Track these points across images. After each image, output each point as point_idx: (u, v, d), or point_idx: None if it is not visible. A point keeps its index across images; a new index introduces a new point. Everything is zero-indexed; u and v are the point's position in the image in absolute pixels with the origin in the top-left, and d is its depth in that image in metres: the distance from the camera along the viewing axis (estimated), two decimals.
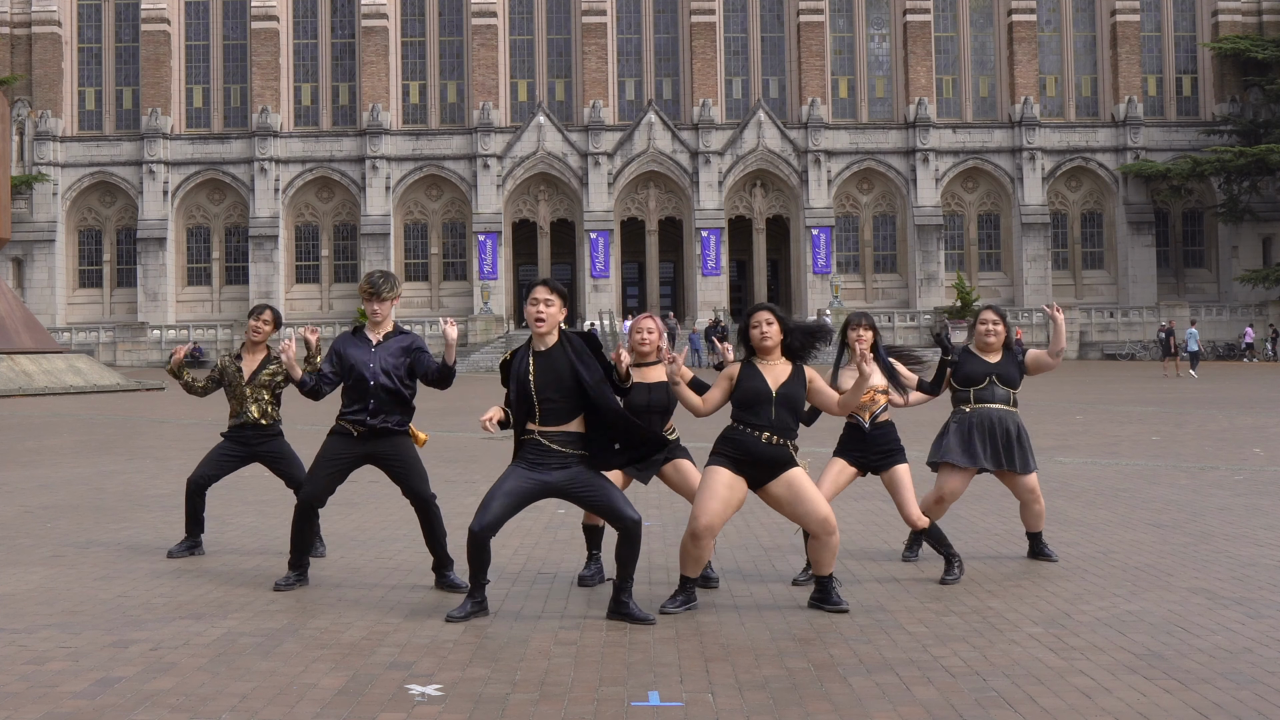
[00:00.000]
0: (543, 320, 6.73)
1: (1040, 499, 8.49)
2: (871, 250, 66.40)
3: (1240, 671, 5.64)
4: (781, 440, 6.92)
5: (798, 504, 6.91)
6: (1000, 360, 8.54)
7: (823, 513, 6.89)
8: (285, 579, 7.79)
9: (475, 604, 6.85)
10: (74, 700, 5.34)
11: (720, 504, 6.90)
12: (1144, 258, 65.47)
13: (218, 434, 9.42)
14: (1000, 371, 8.46)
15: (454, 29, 66.68)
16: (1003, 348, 8.59)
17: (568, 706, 5.20)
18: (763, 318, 7.09)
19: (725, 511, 6.93)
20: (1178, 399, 27.97)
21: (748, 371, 7.03)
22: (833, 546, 6.94)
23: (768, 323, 7.06)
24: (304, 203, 65.86)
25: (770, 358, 7.07)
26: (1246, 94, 66.18)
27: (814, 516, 6.90)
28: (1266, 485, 12.40)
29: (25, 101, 63.82)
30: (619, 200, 64.80)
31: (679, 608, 7.00)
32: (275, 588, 7.70)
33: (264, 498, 12.21)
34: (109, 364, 54.36)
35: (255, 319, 9.07)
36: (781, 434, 6.92)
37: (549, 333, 6.77)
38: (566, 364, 6.68)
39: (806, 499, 6.89)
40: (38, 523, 10.69)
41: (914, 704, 5.21)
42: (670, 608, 6.99)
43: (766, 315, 7.10)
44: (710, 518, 6.88)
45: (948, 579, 7.72)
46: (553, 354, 6.74)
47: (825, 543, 6.93)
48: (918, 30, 65.76)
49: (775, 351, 7.08)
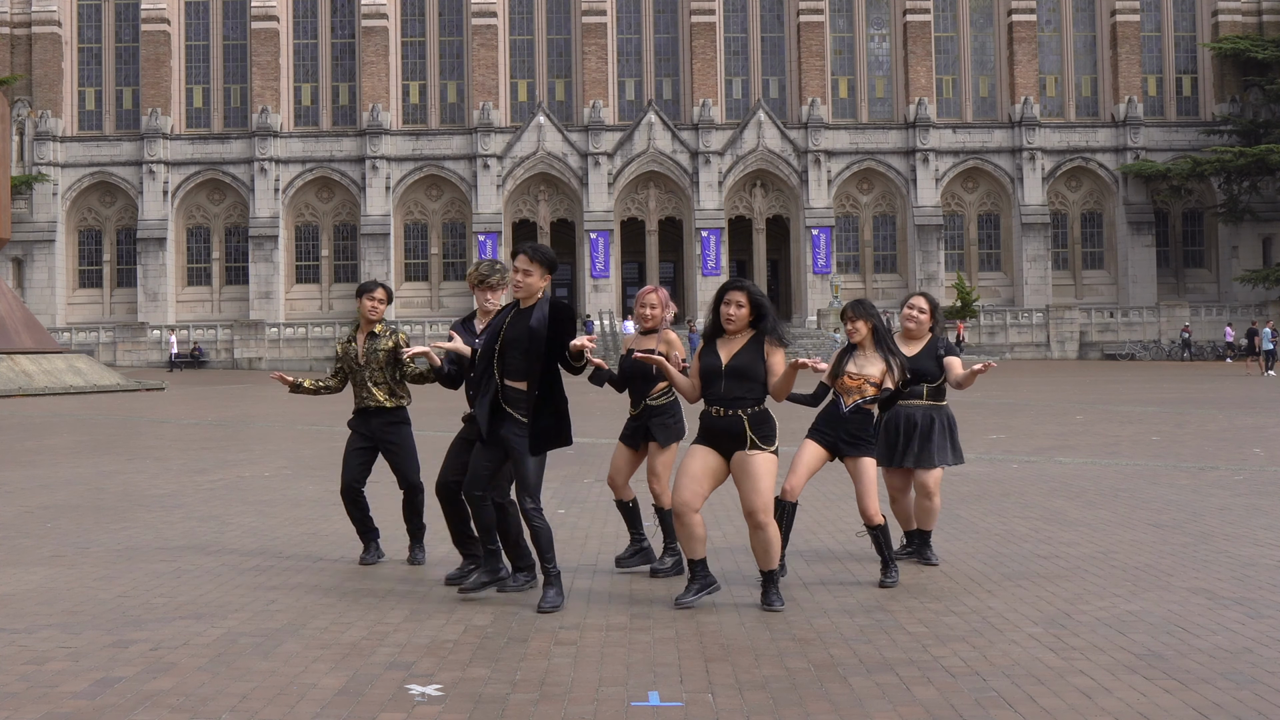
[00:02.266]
0: (519, 287, 7.16)
1: (936, 498, 8.26)
2: (871, 250, 66.42)
3: (1240, 671, 5.63)
4: (730, 411, 6.94)
5: (741, 484, 6.95)
6: (918, 353, 8.27)
7: (757, 503, 6.90)
8: (516, 579, 7.53)
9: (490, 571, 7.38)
10: (74, 700, 5.34)
11: (691, 480, 6.99)
12: (1144, 258, 65.48)
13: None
14: (914, 365, 8.17)
15: (454, 29, 66.69)
16: (929, 340, 8.32)
17: (568, 706, 5.20)
18: (735, 298, 7.05)
19: (698, 487, 7.01)
20: (1178, 399, 27.98)
21: (706, 349, 7.15)
22: (764, 540, 6.96)
23: (739, 305, 7.03)
24: (304, 203, 65.87)
25: (733, 334, 7.10)
26: (1246, 94, 66.19)
27: (748, 502, 6.93)
28: (1266, 485, 12.40)
29: (25, 101, 63.83)
30: (619, 200, 64.81)
31: (693, 597, 7.03)
32: (502, 588, 7.47)
33: (264, 498, 12.21)
34: (109, 364, 54.36)
35: (369, 298, 8.38)
36: (729, 405, 6.96)
37: (528, 297, 7.18)
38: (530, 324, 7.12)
39: (748, 483, 6.91)
40: (38, 523, 10.69)
41: (914, 704, 5.21)
42: (685, 599, 7.01)
43: (739, 297, 7.04)
44: (683, 494, 6.98)
45: (886, 582, 7.65)
46: (526, 314, 7.17)
47: (754, 534, 6.99)
48: (918, 30, 65.76)
49: (741, 329, 7.09)
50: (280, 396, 35.13)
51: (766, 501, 6.91)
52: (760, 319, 7.04)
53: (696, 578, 7.08)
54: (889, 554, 7.77)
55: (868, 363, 7.79)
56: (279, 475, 14.21)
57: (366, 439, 8.57)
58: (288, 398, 34.38)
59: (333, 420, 24.43)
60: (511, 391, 7.13)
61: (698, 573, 7.09)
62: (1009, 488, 12.36)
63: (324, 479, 13.78)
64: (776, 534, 7.00)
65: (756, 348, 7.03)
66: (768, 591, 7.02)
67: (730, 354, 7.03)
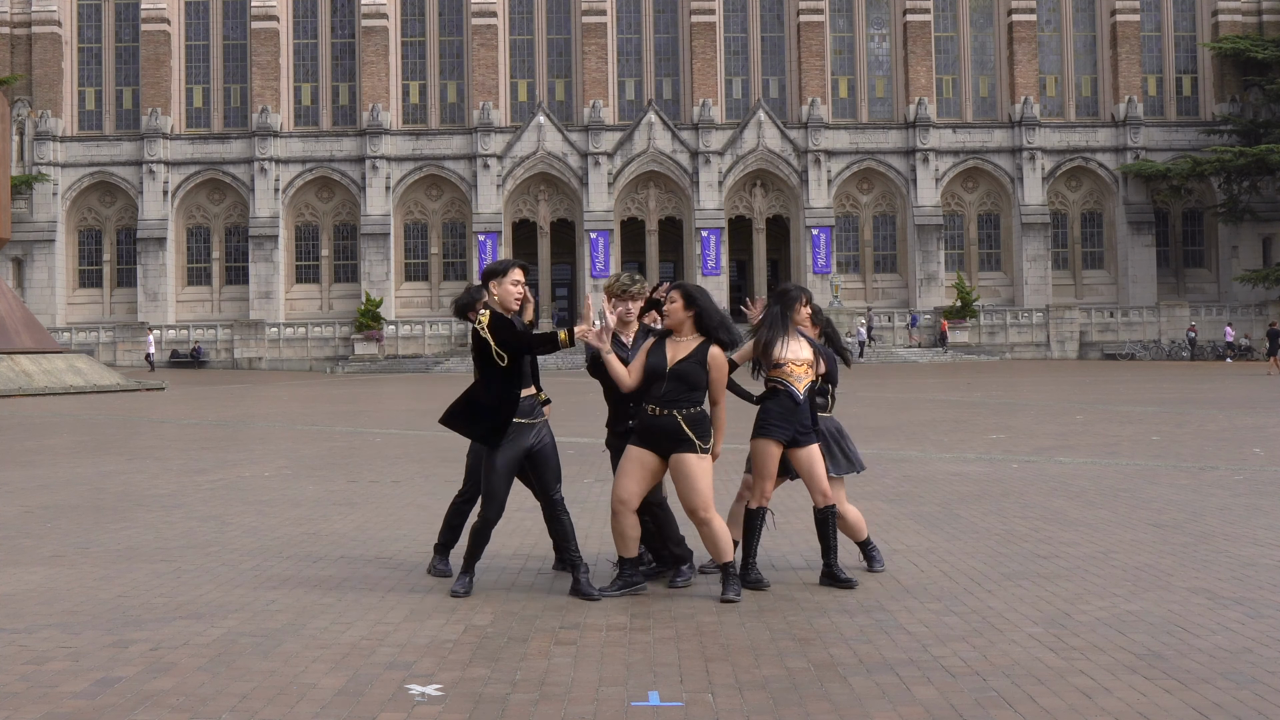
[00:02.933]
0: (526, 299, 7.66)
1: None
2: (871, 250, 66.42)
3: (1240, 671, 5.64)
4: (666, 411, 7.17)
5: (679, 484, 7.21)
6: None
7: (696, 502, 7.16)
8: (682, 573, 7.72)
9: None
10: (74, 700, 5.34)
11: (629, 479, 7.22)
12: (1144, 258, 65.48)
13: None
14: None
15: (454, 29, 66.68)
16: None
17: (568, 706, 5.20)
18: (671, 294, 7.32)
19: (635, 486, 7.22)
20: (1178, 399, 27.98)
21: (655, 348, 7.33)
22: (711, 535, 7.20)
23: (671, 300, 7.29)
24: (304, 203, 65.87)
25: (681, 334, 7.28)
26: (1246, 94, 66.18)
27: (687, 501, 7.21)
28: (1266, 485, 12.40)
29: (25, 101, 63.82)
30: (619, 200, 64.81)
31: (616, 592, 7.30)
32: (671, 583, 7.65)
33: (264, 498, 12.21)
34: (109, 364, 54.36)
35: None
36: (666, 405, 7.18)
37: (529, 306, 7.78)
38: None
39: (685, 483, 7.17)
40: (38, 523, 10.69)
41: (914, 704, 5.21)
42: (608, 591, 7.30)
43: (675, 293, 7.30)
44: (619, 491, 7.22)
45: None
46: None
47: (700, 531, 7.25)
48: (918, 30, 65.76)
49: (686, 328, 7.26)
50: (280, 396, 35.10)
51: (705, 499, 7.16)
52: (701, 321, 7.23)
53: (622, 575, 7.38)
54: (835, 542, 7.82)
55: (800, 348, 7.80)
56: (279, 475, 14.21)
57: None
58: (288, 398, 34.37)
59: (332, 420, 24.44)
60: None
61: (624, 570, 7.37)
62: (1009, 488, 12.36)
63: (324, 479, 13.78)
64: (721, 527, 7.21)
65: (700, 356, 7.23)
66: (726, 583, 7.26)
67: (676, 358, 7.23)
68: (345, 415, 26.02)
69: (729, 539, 7.26)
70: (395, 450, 17.41)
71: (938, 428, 20.18)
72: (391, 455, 16.61)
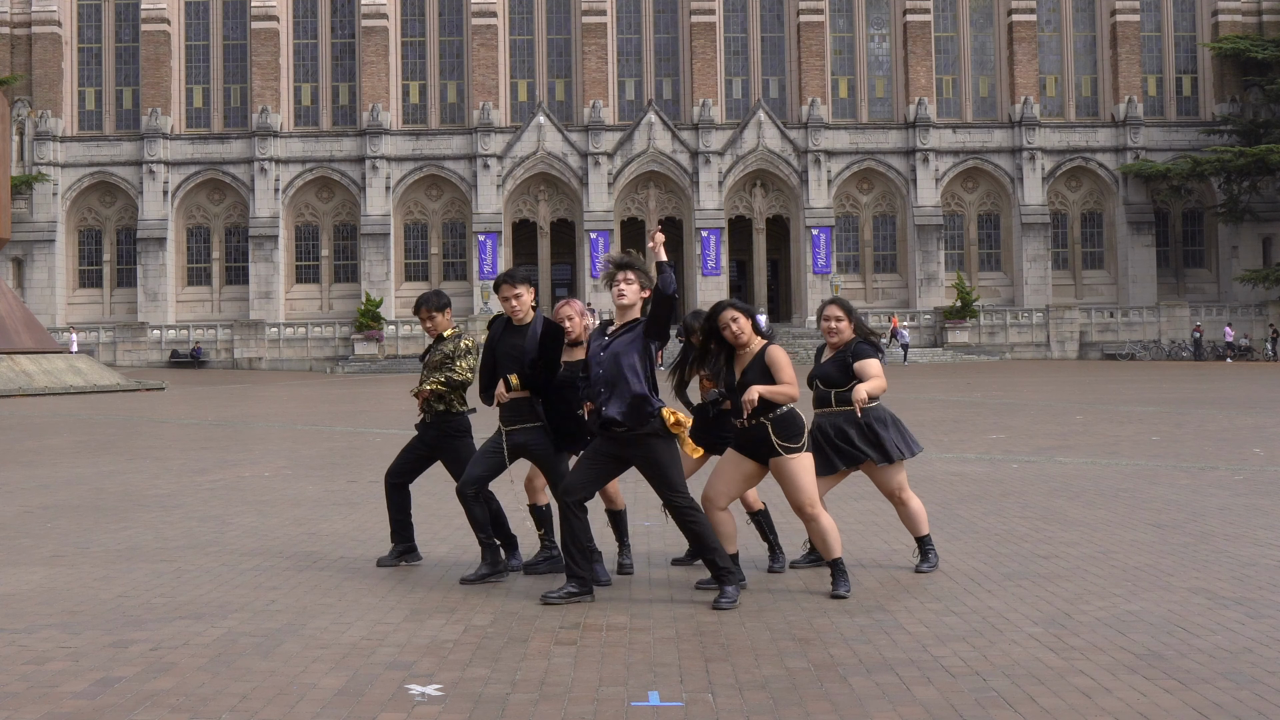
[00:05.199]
0: (517, 310, 7.86)
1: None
2: (871, 250, 66.42)
3: (1240, 671, 5.63)
4: (754, 420, 7.45)
5: (781, 487, 7.51)
6: (826, 360, 8.15)
7: (800, 499, 7.38)
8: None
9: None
10: (74, 700, 5.34)
11: (717, 478, 7.60)
12: (1144, 258, 65.47)
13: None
14: (819, 374, 8.16)
15: (454, 29, 66.69)
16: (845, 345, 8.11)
17: (568, 706, 5.20)
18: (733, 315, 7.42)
19: (722, 485, 7.54)
20: (1178, 399, 27.98)
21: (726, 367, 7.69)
22: (817, 532, 7.40)
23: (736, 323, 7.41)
24: (304, 203, 65.87)
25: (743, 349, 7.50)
26: (1246, 94, 66.18)
27: (790, 500, 7.48)
28: (1266, 485, 12.40)
29: (25, 101, 63.82)
30: (619, 200, 64.82)
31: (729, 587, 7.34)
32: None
33: (264, 498, 12.21)
34: (109, 364, 54.36)
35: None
36: (752, 415, 7.40)
37: (525, 316, 7.88)
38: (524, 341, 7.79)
39: (785, 484, 7.46)
40: (38, 523, 10.69)
41: (914, 704, 5.21)
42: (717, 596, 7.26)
43: (737, 314, 7.42)
44: (705, 490, 7.61)
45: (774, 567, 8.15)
46: (521, 331, 7.88)
47: (807, 528, 7.57)
48: (918, 30, 65.76)
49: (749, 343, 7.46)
50: (280, 396, 35.11)
51: (809, 496, 7.32)
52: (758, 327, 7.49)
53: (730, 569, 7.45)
54: (775, 538, 8.22)
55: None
56: (279, 475, 14.21)
57: None
58: (287, 398, 34.37)
59: (332, 420, 24.45)
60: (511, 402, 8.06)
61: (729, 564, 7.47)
62: (1009, 488, 12.36)
63: (324, 479, 13.79)
64: (829, 524, 7.38)
65: (762, 361, 7.37)
66: (835, 580, 7.36)
67: (741, 369, 7.43)
68: (345, 415, 26.01)
69: (836, 536, 7.40)
70: (395, 450, 17.37)
71: (937, 428, 20.17)
72: (391, 455, 16.57)
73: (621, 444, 7.19)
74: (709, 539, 7.13)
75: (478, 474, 7.86)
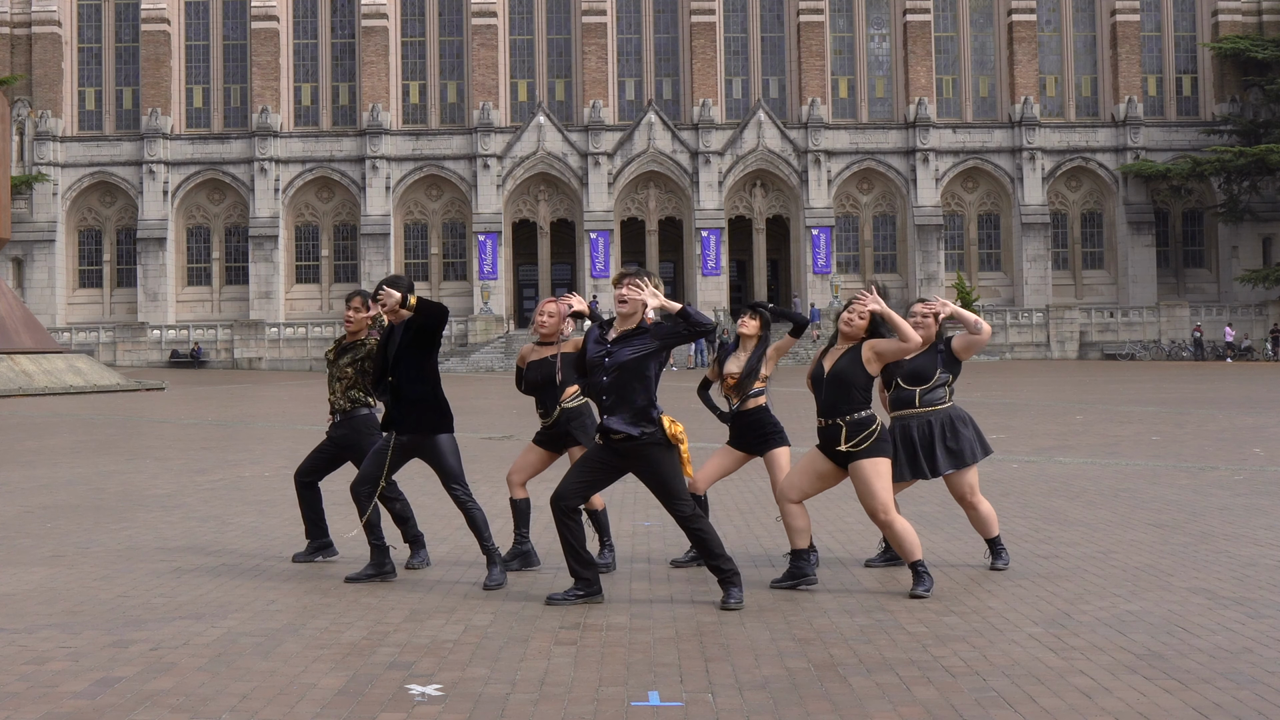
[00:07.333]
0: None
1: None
2: (871, 250, 66.41)
3: (1240, 671, 5.63)
4: (830, 421, 7.56)
5: (856, 491, 7.60)
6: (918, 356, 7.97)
7: (870, 508, 7.44)
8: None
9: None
10: (74, 700, 5.34)
11: (795, 474, 7.71)
12: (1144, 258, 65.46)
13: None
14: (911, 369, 7.97)
15: (454, 29, 66.68)
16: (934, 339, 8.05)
17: (568, 706, 5.20)
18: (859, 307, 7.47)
19: (799, 481, 7.67)
20: (1178, 399, 27.97)
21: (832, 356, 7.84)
22: (894, 537, 7.42)
23: (859, 311, 7.44)
24: (304, 203, 65.87)
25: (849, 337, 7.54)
26: (1246, 94, 66.17)
27: (864, 505, 7.56)
28: (1266, 485, 12.40)
29: (25, 101, 63.81)
30: (619, 200, 64.81)
31: (786, 584, 7.52)
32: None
33: (264, 498, 12.21)
34: (109, 364, 54.36)
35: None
36: (827, 415, 7.53)
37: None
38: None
39: (859, 490, 7.53)
40: (38, 523, 10.69)
41: (914, 704, 5.21)
42: (779, 582, 7.51)
43: (866, 306, 7.48)
44: (783, 484, 7.76)
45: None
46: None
47: (883, 533, 7.63)
48: (918, 30, 65.76)
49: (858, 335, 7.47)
50: (280, 396, 35.12)
51: (882, 502, 7.28)
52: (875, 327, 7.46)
53: (792, 566, 7.60)
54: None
55: (733, 363, 8.03)
56: (279, 475, 14.21)
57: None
58: (288, 398, 34.37)
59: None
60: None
61: (794, 562, 7.59)
62: (1009, 488, 12.35)
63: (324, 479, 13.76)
64: (904, 527, 7.35)
65: (855, 353, 7.38)
66: (917, 580, 7.34)
67: (833, 361, 7.45)
68: None
69: (913, 539, 7.33)
70: None
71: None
72: None
73: (621, 454, 7.18)
74: (714, 545, 7.12)
75: (369, 472, 7.98)
